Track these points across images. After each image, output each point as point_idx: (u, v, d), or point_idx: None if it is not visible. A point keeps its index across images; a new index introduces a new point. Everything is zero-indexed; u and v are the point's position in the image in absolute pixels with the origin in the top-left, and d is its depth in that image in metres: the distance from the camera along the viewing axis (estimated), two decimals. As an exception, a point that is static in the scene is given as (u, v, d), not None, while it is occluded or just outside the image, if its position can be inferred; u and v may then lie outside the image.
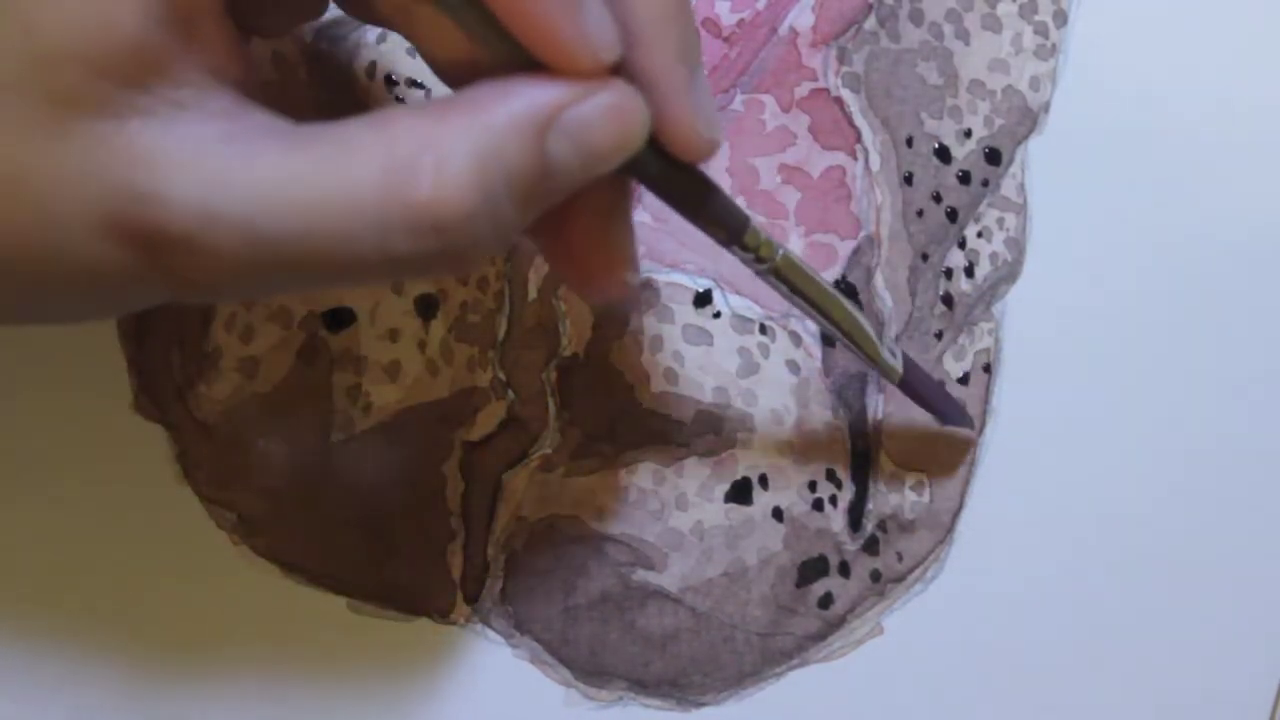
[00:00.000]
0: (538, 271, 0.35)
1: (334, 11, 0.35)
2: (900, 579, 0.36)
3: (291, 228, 0.22)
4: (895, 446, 0.36)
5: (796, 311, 0.36)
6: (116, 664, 0.34)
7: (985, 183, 0.37)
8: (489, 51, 0.25)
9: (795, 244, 0.36)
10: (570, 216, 0.27)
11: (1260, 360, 0.37)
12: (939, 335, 0.36)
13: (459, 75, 0.25)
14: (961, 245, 0.36)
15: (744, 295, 0.36)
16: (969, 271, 0.36)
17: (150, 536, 0.34)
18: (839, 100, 0.36)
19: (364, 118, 0.23)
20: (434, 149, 0.22)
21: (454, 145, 0.23)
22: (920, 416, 0.35)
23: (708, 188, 0.28)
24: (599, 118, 0.24)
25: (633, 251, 0.28)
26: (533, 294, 0.35)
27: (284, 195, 0.22)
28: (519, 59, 0.24)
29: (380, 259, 0.22)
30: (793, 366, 0.36)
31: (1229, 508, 0.37)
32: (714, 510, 0.35)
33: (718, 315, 0.36)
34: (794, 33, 0.36)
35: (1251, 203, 0.37)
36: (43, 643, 0.34)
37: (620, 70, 0.25)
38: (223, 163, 0.22)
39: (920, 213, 0.36)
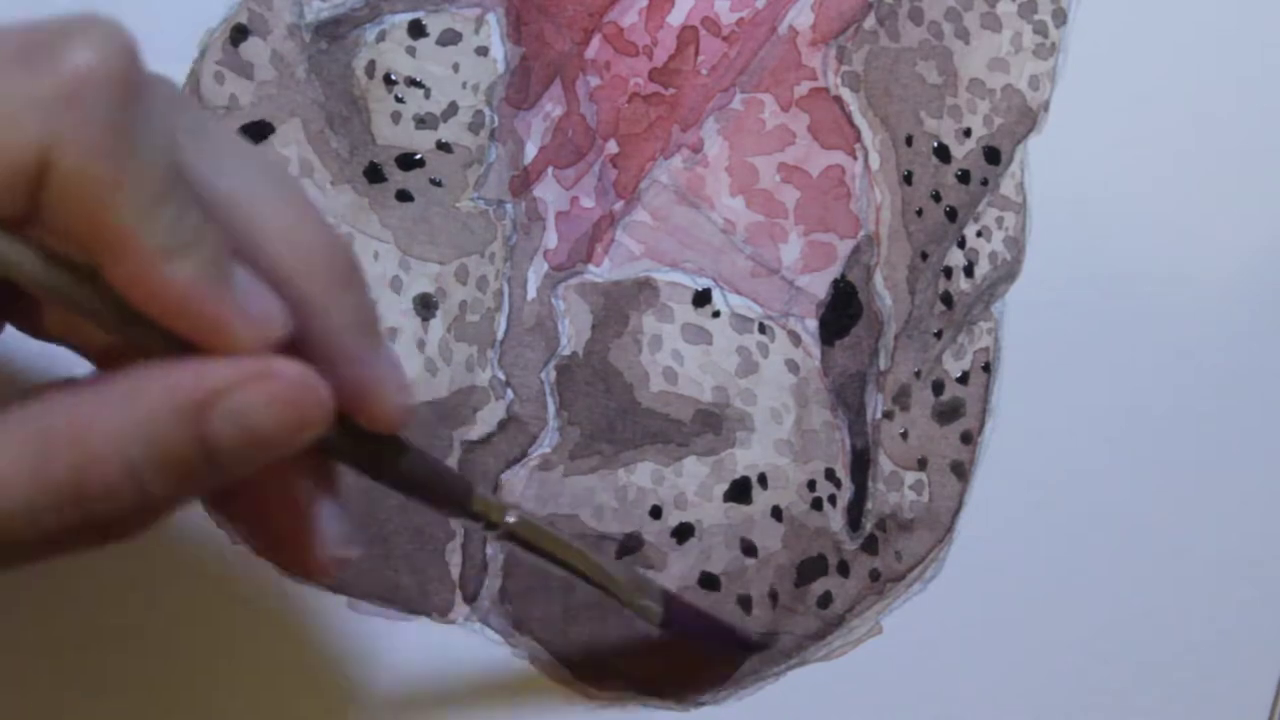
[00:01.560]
0: (537, 271, 0.35)
1: (334, 9, 0.35)
2: (899, 578, 0.36)
3: None
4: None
5: (796, 310, 0.36)
6: (115, 664, 0.34)
7: (984, 182, 0.37)
8: (145, 344, 0.24)
9: (794, 243, 0.36)
10: (269, 501, 0.26)
11: (1262, 359, 0.37)
12: (938, 334, 0.36)
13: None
14: (961, 244, 0.36)
15: (743, 294, 0.36)
16: (968, 270, 0.36)
17: (149, 536, 0.34)
18: (838, 99, 0.36)
19: (22, 398, 0.23)
20: (83, 427, 0.23)
21: (102, 421, 0.23)
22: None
23: (423, 461, 0.27)
24: (263, 402, 0.24)
25: (341, 529, 0.27)
26: (532, 293, 0.35)
27: None
28: (179, 344, 0.24)
29: (33, 533, 0.23)
30: (792, 366, 0.36)
31: (1228, 506, 0.37)
32: (713, 509, 0.35)
33: (717, 314, 0.36)
34: (793, 32, 0.36)
35: (1251, 202, 0.37)
36: (41, 643, 0.34)
37: (300, 348, 0.25)
38: None
39: (920, 212, 0.36)
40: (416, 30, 0.35)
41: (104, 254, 0.22)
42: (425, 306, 0.35)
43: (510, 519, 0.29)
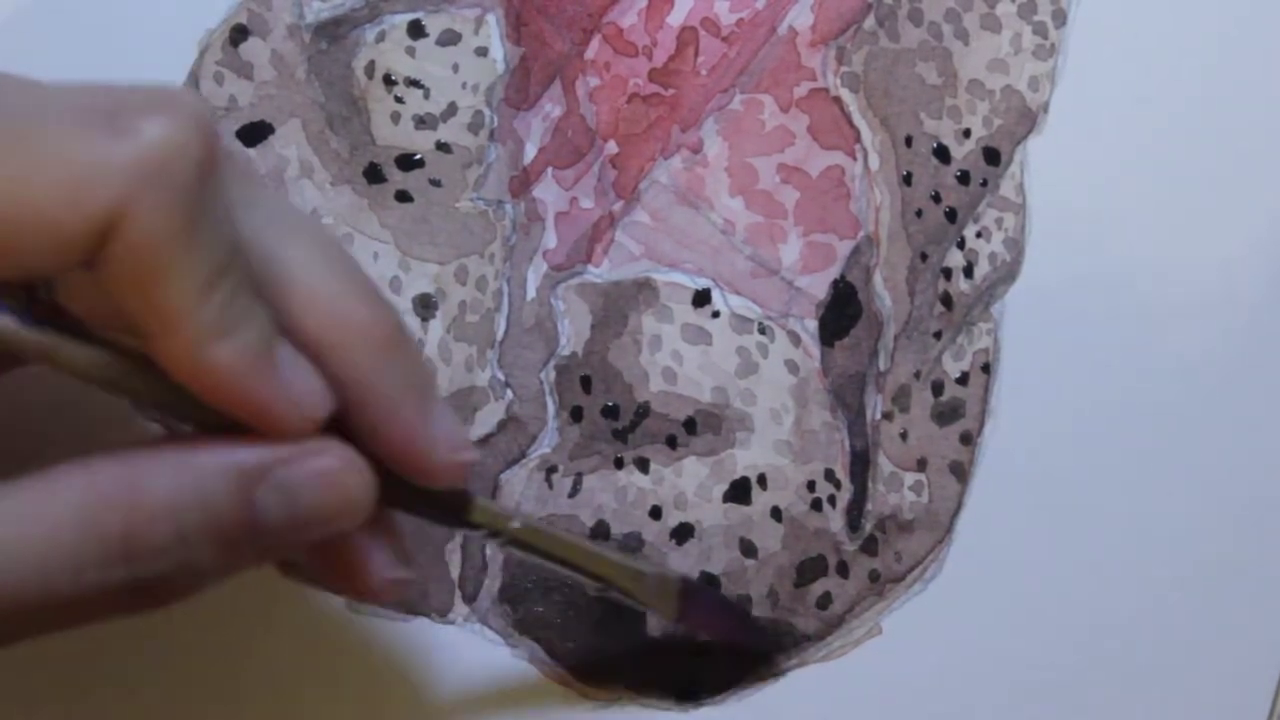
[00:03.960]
0: (536, 271, 0.35)
1: (334, 10, 0.35)
2: (899, 579, 0.36)
3: None
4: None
5: (796, 311, 0.36)
6: (114, 663, 0.34)
7: (984, 183, 0.37)
8: (193, 420, 0.25)
9: (794, 244, 0.36)
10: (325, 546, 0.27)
11: (1261, 359, 0.37)
12: (938, 335, 0.36)
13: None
14: (960, 245, 0.36)
15: (743, 295, 0.36)
16: (968, 271, 0.36)
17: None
18: (838, 100, 0.36)
19: (72, 459, 0.23)
20: (134, 485, 0.23)
21: (154, 482, 0.23)
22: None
23: (457, 496, 0.28)
24: (309, 483, 0.24)
25: (400, 545, 0.28)
26: (531, 294, 0.35)
27: None
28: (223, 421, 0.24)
29: (74, 593, 0.23)
30: (791, 366, 0.36)
31: (1229, 507, 0.37)
32: (713, 510, 0.35)
33: (716, 315, 0.36)
34: (793, 32, 0.36)
35: (1250, 202, 0.37)
36: (40, 642, 0.34)
37: (351, 413, 0.25)
38: None
39: (919, 212, 0.36)
40: (416, 31, 0.35)
41: (149, 327, 0.23)
42: (425, 307, 0.35)
43: (514, 525, 0.29)
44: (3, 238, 0.22)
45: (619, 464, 0.35)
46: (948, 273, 0.36)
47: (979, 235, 0.37)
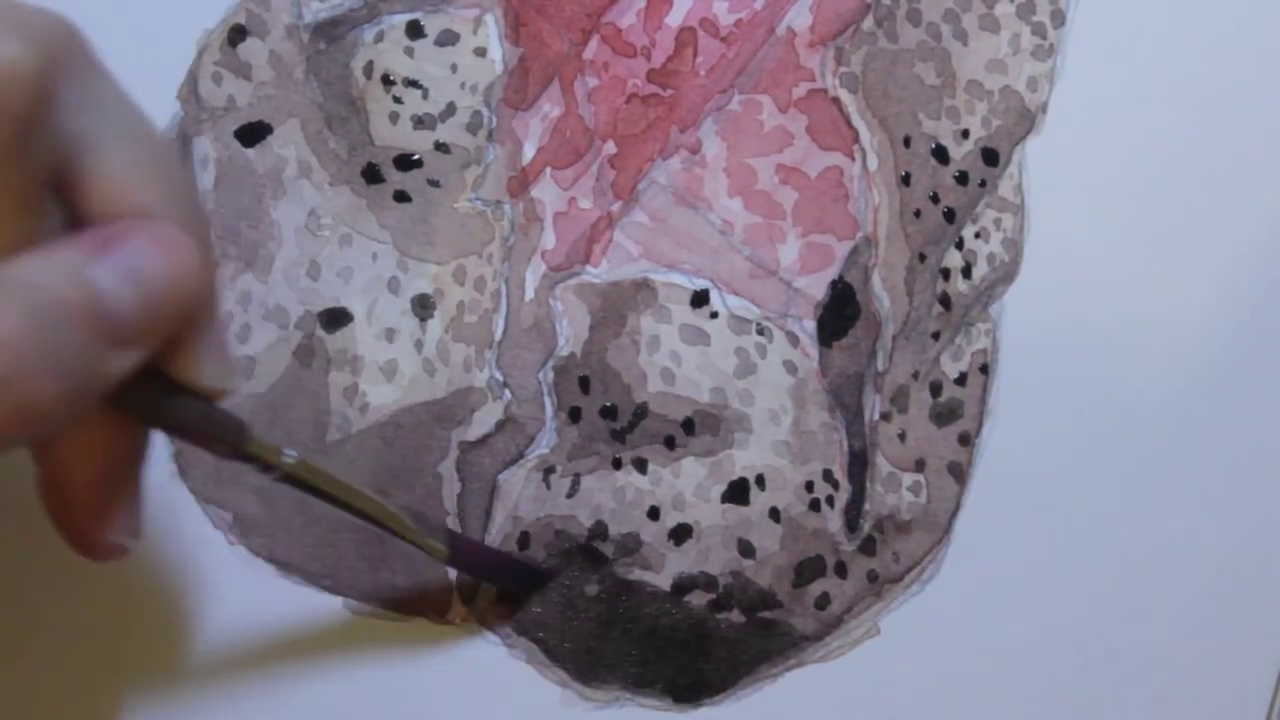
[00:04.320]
0: (534, 272, 0.35)
1: (332, 10, 0.35)
2: (897, 580, 0.36)
3: None
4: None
5: (794, 311, 0.36)
6: (113, 663, 0.34)
7: (983, 183, 0.37)
8: None
9: (792, 244, 0.36)
10: (74, 467, 0.27)
11: (1260, 359, 0.37)
12: (936, 336, 0.36)
13: None
14: (959, 246, 0.36)
15: (741, 295, 0.36)
16: (966, 272, 0.36)
17: (146, 535, 0.34)
18: (837, 100, 0.36)
19: None
20: None
21: None
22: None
23: (196, 404, 0.27)
24: (147, 254, 0.25)
25: (132, 521, 0.28)
26: (529, 294, 0.35)
27: None
28: None
29: None
30: (790, 367, 0.36)
31: (1227, 506, 0.37)
32: (711, 510, 0.35)
33: (715, 315, 0.36)
34: (792, 33, 0.36)
35: (1249, 203, 0.37)
36: (40, 643, 0.34)
37: None
38: None
39: (918, 213, 0.36)
40: (414, 31, 0.35)
41: None
42: (423, 307, 0.35)
43: (287, 459, 0.29)
44: None
45: (617, 464, 0.35)
46: (946, 273, 0.36)
47: (977, 236, 0.37)
